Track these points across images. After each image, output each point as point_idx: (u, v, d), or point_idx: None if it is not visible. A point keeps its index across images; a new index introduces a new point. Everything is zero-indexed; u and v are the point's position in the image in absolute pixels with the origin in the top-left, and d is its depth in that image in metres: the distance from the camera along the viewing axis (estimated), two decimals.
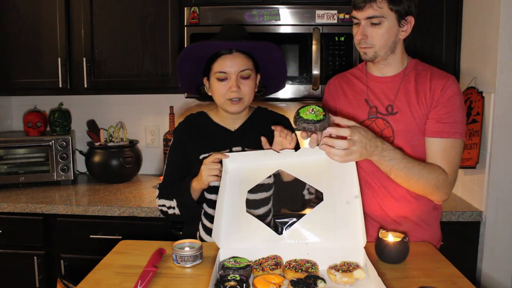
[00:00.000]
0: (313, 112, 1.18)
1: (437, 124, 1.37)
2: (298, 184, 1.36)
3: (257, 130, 1.49)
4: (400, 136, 1.42)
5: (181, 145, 1.53)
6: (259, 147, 1.35)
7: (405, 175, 1.29)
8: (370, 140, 1.22)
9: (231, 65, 1.41)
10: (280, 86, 1.62)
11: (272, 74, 1.54)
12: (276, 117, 1.60)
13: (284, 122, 1.59)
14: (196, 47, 1.43)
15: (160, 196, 1.52)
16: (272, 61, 1.49)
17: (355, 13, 1.38)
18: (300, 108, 1.21)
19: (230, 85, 1.41)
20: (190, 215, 1.50)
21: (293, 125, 1.25)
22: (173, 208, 1.47)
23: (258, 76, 1.51)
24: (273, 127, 1.32)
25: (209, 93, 1.51)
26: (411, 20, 1.37)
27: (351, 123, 1.20)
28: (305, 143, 1.31)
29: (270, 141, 1.35)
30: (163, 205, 1.50)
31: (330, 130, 1.17)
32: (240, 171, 1.31)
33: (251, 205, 1.44)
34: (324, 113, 1.18)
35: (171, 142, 1.58)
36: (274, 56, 1.48)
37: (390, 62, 1.44)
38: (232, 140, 1.51)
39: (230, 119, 1.53)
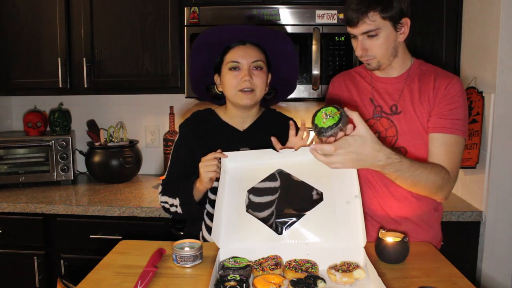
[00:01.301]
0: (328, 117, 1.13)
1: (439, 120, 1.37)
2: (306, 186, 1.34)
3: (266, 131, 1.47)
4: (404, 135, 1.42)
5: (187, 142, 1.51)
6: (267, 148, 1.34)
7: (411, 181, 1.27)
8: (368, 152, 1.14)
9: (243, 55, 1.41)
10: (292, 86, 1.60)
11: (283, 71, 1.52)
12: (284, 118, 1.59)
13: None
14: (211, 32, 1.41)
15: (163, 193, 1.51)
16: (284, 55, 1.48)
17: (350, 30, 1.38)
18: (314, 117, 1.16)
19: (242, 74, 1.40)
20: (193, 215, 1.50)
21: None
22: (176, 206, 1.46)
23: (269, 76, 1.50)
24: (290, 123, 1.35)
25: (220, 89, 1.49)
26: (406, 21, 1.36)
27: (359, 129, 1.12)
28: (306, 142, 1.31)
29: (280, 142, 1.34)
30: (166, 202, 1.49)
31: (313, 147, 1.14)
32: (239, 170, 1.30)
33: (256, 208, 1.42)
34: (339, 111, 1.13)
35: (176, 138, 1.56)
36: (286, 49, 1.47)
37: (394, 65, 1.44)
38: (240, 140, 1.49)
39: (240, 117, 1.51)
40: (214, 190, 1.43)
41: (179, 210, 1.46)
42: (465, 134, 1.38)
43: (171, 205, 1.47)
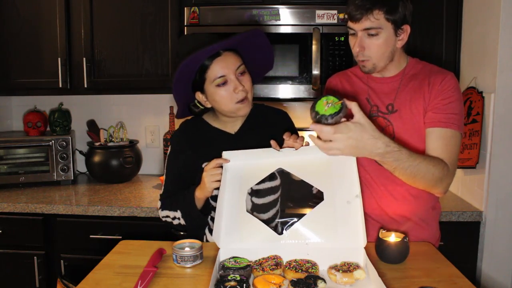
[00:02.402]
0: (330, 105, 1.15)
1: (435, 115, 1.37)
2: (306, 184, 1.32)
3: (258, 130, 1.47)
4: (401, 134, 1.42)
5: (181, 154, 1.48)
6: (262, 147, 1.34)
7: (410, 173, 1.26)
8: (367, 140, 1.15)
9: (226, 66, 1.35)
10: (268, 68, 1.55)
11: (259, 62, 1.49)
12: (275, 112, 1.57)
13: (284, 119, 1.57)
14: (193, 59, 1.32)
15: (163, 207, 1.48)
16: (259, 47, 1.44)
17: (351, 24, 1.37)
18: (314, 104, 1.17)
19: (234, 86, 1.35)
20: (196, 225, 1.47)
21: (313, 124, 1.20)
22: (178, 218, 1.43)
23: None
24: (284, 136, 1.30)
25: (208, 105, 1.44)
26: (407, 28, 1.37)
27: (357, 117, 1.15)
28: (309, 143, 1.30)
29: (276, 140, 1.31)
30: (167, 216, 1.46)
31: (312, 126, 1.15)
32: (240, 169, 1.30)
33: (260, 209, 1.41)
34: (340, 101, 1.15)
35: (168, 151, 1.52)
36: (261, 42, 1.43)
37: (389, 68, 1.45)
38: (234, 143, 1.45)
39: (231, 122, 1.48)
40: (216, 198, 1.41)
41: (182, 222, 1.43)
42: (461, 128, 1.37)
43: (173, 218, 1.45)
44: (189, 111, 1.50)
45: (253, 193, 1.38)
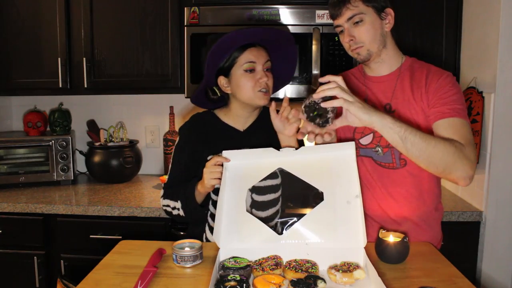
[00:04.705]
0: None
1: (438, 109, 1.35)
2: (306, 183, 1.33)
3: (266, 130, 1.48)
4: None
5: (188, 145, 1.51)
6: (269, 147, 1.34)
7: (421, 149, 1.20)
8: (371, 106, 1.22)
9: (258, 56, 1.42)
10: (286, 82, 1.64)
11: (283, 70, 1.55)
12: None
13: None
14: (232, 36, 1.38)
15: (164, 196, 1.51)
16: (286, 57, 1.52)
17: (336, 22, 1.41)
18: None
19: (259, 75, 1.41)
20: (195, 218, 1.49)
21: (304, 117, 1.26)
22: (178, 209, 1.46)
23: None
24: (270, 108, 1.36)
25: (227, 91, 1.48)
26: (390, 11, 1.40)
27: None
28: (307, 143, 1.30)
29: (277, 143, 1.35)
30: (168, 205, 1.49)
31: (321, 79, 1.23)
32: (240, 168, 1.31)
33: (259, 207, 1.41)
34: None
35: (177, 141, 1.55)
36: (291, 51, 1.52)
37: (384, 59, 1.44)
38: (241, 140, 1.49)
39: (243, 118, 1.52)
40: (217, 191, 1.42)
41: (181, 213, 1.45)
42: (467, 118, 1.34)
43: (173, 208, 1.47)
44: (205, 94, 1.54)
45: (254, 190, 1.38)
